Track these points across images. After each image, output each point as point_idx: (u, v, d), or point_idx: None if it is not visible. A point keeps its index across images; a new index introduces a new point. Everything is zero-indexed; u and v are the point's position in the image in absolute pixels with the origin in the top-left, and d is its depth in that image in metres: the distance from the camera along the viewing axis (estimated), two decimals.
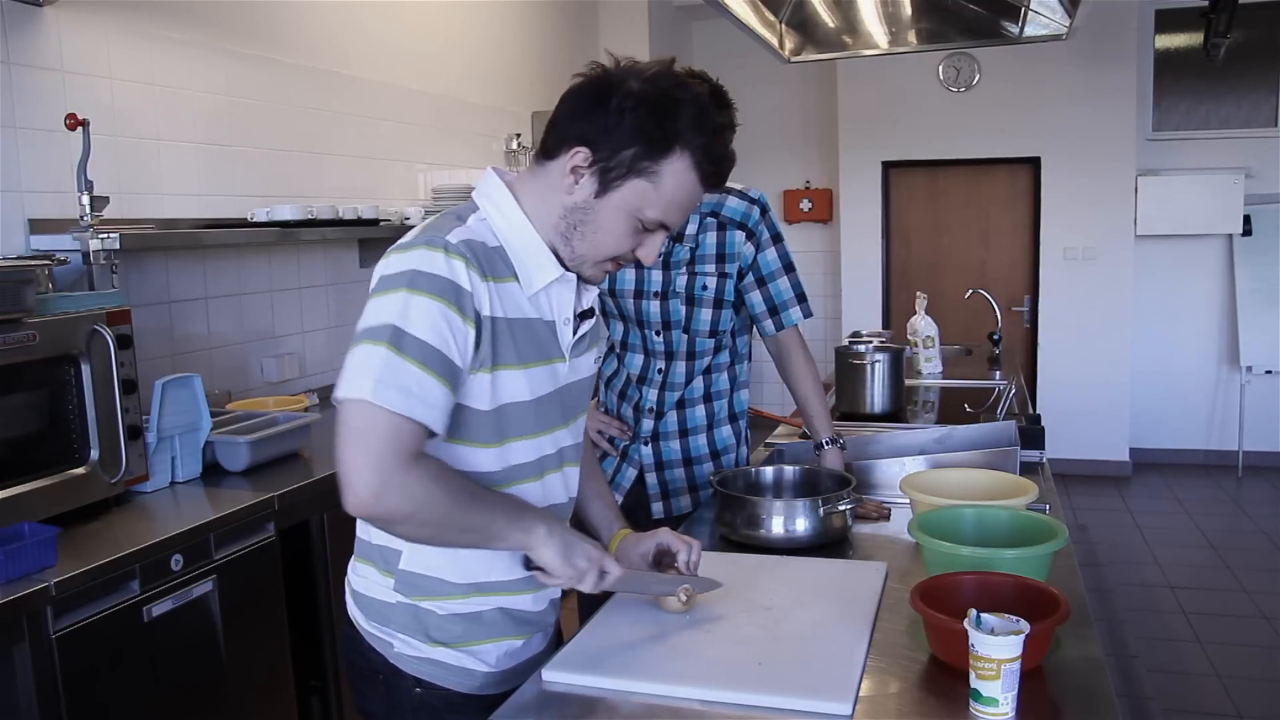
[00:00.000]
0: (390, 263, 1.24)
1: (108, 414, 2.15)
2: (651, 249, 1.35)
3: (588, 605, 1.71)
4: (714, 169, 1.32)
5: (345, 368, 1.21)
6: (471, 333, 1.23)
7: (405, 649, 1.38)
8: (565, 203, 1.31)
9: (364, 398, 1.17)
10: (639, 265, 2.17)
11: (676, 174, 1.29)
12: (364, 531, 1.42)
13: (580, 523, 1.60)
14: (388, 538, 1.36)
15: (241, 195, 3.21)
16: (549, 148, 1.33)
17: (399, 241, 1.28)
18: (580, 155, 1.28)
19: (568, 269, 1.36)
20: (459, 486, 1.24)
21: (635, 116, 1.26)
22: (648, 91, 1.27)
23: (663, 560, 1.57)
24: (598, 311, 1.47)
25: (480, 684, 1.40)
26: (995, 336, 4.22)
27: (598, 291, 1.44)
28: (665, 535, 1.57)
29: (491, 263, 1.28)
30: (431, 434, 1.21)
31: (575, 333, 1.39)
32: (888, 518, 2.02)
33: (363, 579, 1.41)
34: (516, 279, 1.31)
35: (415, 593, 1.36)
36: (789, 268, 2.23)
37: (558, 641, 1.53)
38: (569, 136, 1.29)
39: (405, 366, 1.18)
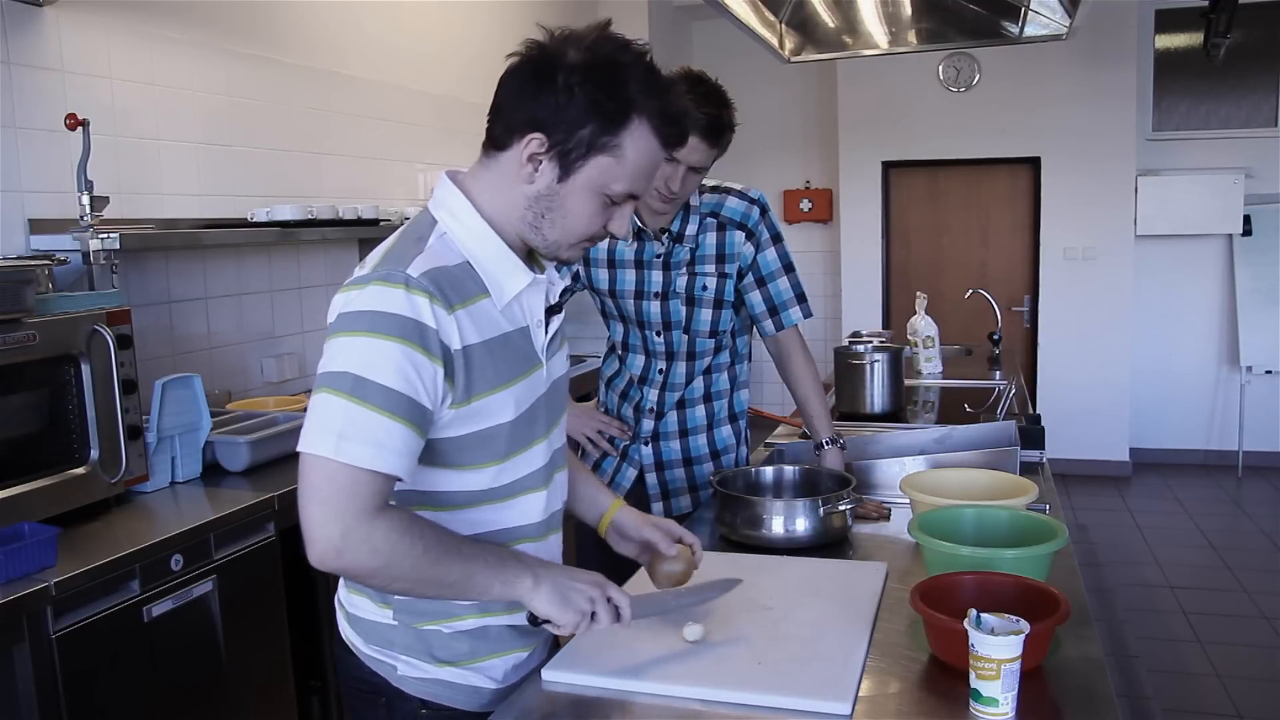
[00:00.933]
0: (349, 299, 1.18)
1: (108, 414, 2.15)
2: (623, 221, 1.29)
3: None
4: (673, 128, 1.26)
5: (308, 417, 1.16)
6: (439, 370, 1.17)
7: (410, 671, 1.33)
8: (527, 193, 1.25)
9: (326, 455, 1.12)
10: (639, 266, 2.19)
11: (637, 141, 1.22)
12: None
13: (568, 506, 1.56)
14: None
15: (241, 195, 3.21)
16: (497, 137, 1.25)
17: (356, 273, 1.21)
18: (535, 142, 1.21)
19: (534, 255, 1.32)
20: (431, 539, 1.18)
21: (585, 91, 1.19)
22: (592, 61, 1.20)
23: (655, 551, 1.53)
24: (561, 305, 1.41)
25: (488, 701, 1.36)
26: (995, 336, 4.22)
27: (564, 285, 1.39)
28: (661, 541, 1.53)
29: (458, 286, 1.21)
30: (398, 480, 1.17)
31: (547, 331, 1.34)
32: (888, 518, 2.02)
33: (357, 608, 1.37)
34: (488, 293, 1.25)
35: (418, 618, 1.31)
36: (789, 268, 2.23)
37: (556, 645, 1.51)
38: (518, 124, 1.22)
39: (369, 416, 1.13)
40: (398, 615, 1.32)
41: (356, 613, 1.37)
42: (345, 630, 1.40)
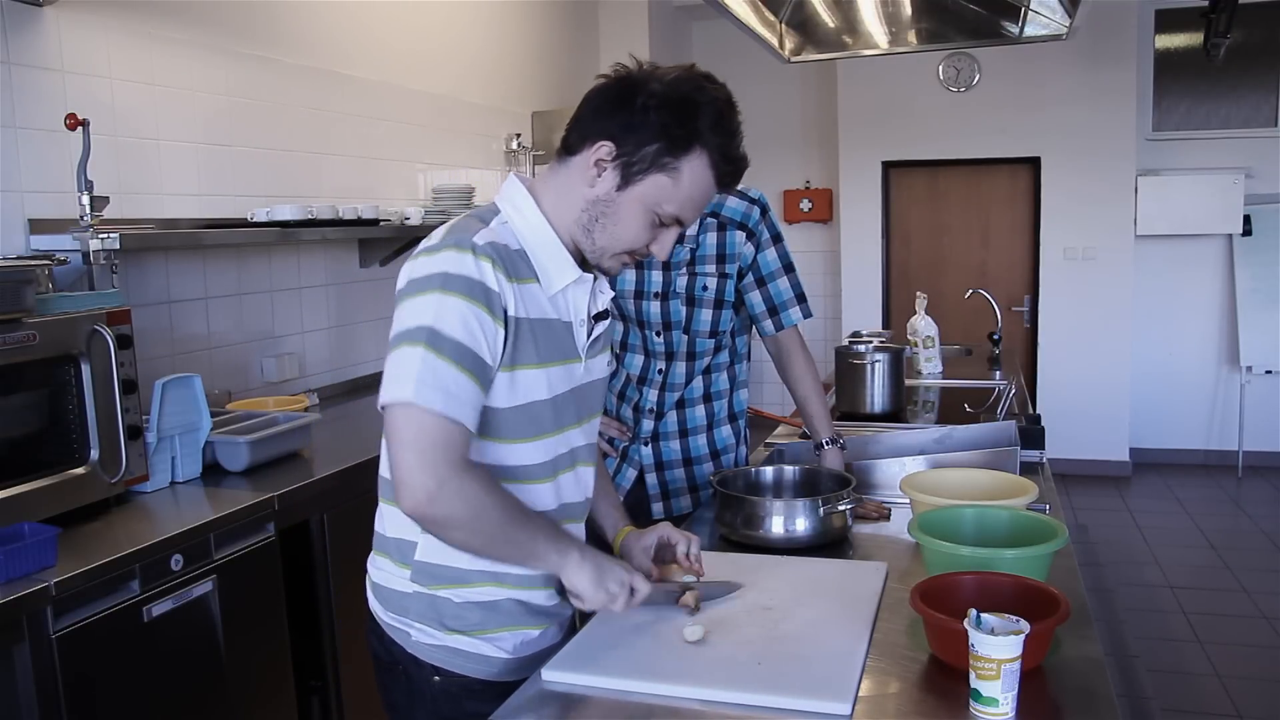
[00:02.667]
0: (419, 265, 1.28)
1: (108, 414, 2.15)
2: (666, 244, 1.40)
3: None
4: (730, 169, 1.36)
5: (386, 372, 1.25)
6: (501, 332, 1.28)
7: (423, 638, 1.41)
8: (587, 195, 1.36)
9: (408, 399, 1.21)
10: (640, 265, 2.19)
11: (695, 171, 1.34)
12: (380, 524, 1.45)
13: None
14: (403, 529, 1.39)
15: (241, 195, 3.21)
16: (571, 144, 1.37)
17: (425, 244, 1.32)
18: (605, 149, 1.33)
19: (588, 263, 1.41)
20: (508, 501, 1.29)
21: (659, 115, 1.31)
22: (670, 93, 1.32)
23: (664, 554, 1.58)
24: (614, 315, 1.50)
25: (498, 670, 1.42)
26: (995, 336, 4.22)
27: (612, 294, 1.48)
28: (666, 529, 1.60)
29: (514, 264, 1.32)
30: (472, 434, 1.26)
31: (590, 334, 1.43)
32: (888, 518, 2.02)
33: (380, 571, 1.45)
34: (537, 280, 1.35)
35: (432, 581, 1.39)
36: (789, 268, 2.23)
37: (571, 632, 1.54)
38: (592, 132, 1.34)
39: (443, 366, 1.22)
40: (415, 576, 1.39)
41: (379, 579, 1.45)
42: (371, 600, 1.48)
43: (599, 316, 1.45)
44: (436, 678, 1.41)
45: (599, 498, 1.64)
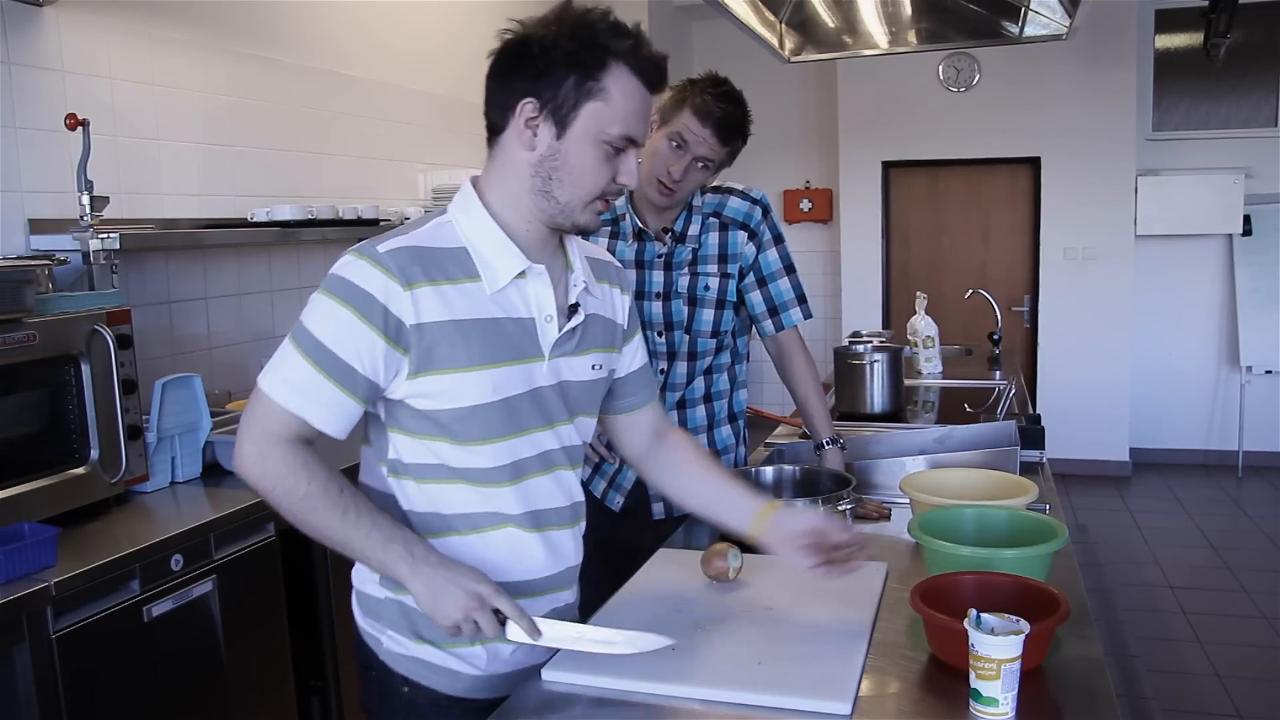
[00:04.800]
0: (337, 264, 1.30)
1: (108, 414, 2.15)
2: (630, 169, 1.33)
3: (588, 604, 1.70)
4: (652, 68, 1.32)
5: (273, 357, 1.30)
6: (380, 342, 1.25)
7: (393, 645, 1.39)
8: (529, 160, 1.31)
9: (260, 385, 1.27)
10: (640, 266, 2.19)
11: (620, 82, 1.29)
12: None
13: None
14: None
15: (241, 195, 3.21)
16: (494, 123, 1.34)
17: (356, 245, 1.32)
18: (529, 106, 1.28)
19: (566, 229, 1.37)
20: (319, 488, 1.26)
21: (560, 50, 1.27)
22: (560, 27, 1.29)
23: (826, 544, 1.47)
24: (590, 313, 1.42)
25: (467, 687, 1.38)
26: (995, 336, 4.22)
27: (585, 286, 1.40)
28: (816, 519, 1.48)
29: (439, 265, 1.29)
30: (317, 431, 1.27)
31: (560, 329, 1.36)
32: (888, 518, 2.02)
33: (359, 572, 1.42)
34: (478, 278, 1.31)
35: (399, 588, 1.33)
36: (790, 269, 2.23)
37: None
38: (508, 100, 1.30)
39: (298, 363, 1.25)
40: (383, 583, 1.37)
41: (357, 580, 1.43)
42: (354, 603, 1.46)
43: (572, 310, 1.38)
44: (405, 688, 1.38)
45: (722, 487, 1.54)
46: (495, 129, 1.34)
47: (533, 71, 1.28)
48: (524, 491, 1.37)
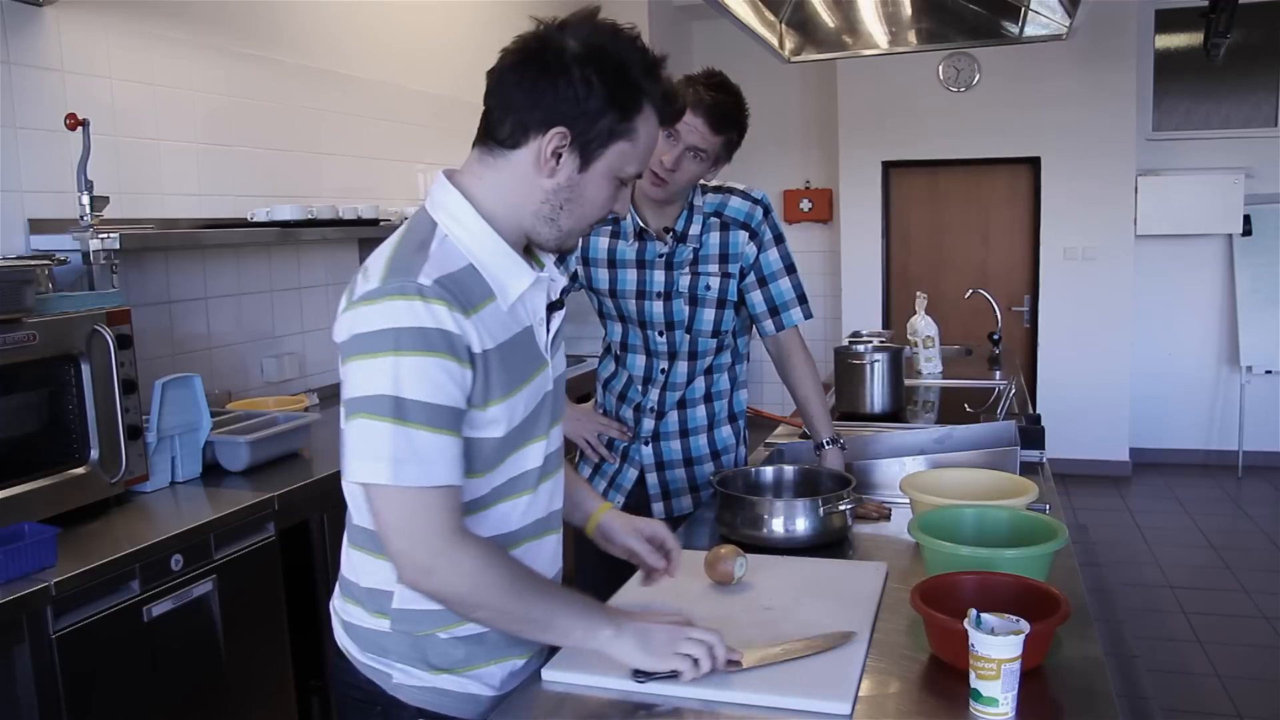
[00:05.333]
0: (362, 317, 1.18)
1: (108, 414, 2.15)
2: (624, 199, 1.35)
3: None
4: (671, 107, 1.33)
5: (350, 444, 1.19)
6: (469, 374, 1.19)
7: (405, 679, 1.31)
8: (546, 186, 1.25)
9: (384, 483, 1.16)
10: (641, 265, 2.19)
11: (648, 125, 1.28)
12: (350, 571, 1.36)
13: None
14: (379, 580, 1.29)
15: (241, 195, 3.21)
16: (508, 136, 1.24)
17: (363, 287, 1.21)
18: (559, 136, 1.22)
19: (547, 249, 1.33)
20: (519, 571, 1.23)
21: (602, 83, 1.22)
22: (596, 53, 1.22)
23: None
24: (562, 302, 1.42)
25: (485, 708, 1.34)
26: (995, 336, 4.22)
27: (565, 281, 1.39)
28: (656, 532, 1.55)
29: (467, 292, 1.21)
30: (460, 490, 1.20)
31: (549, 329, 1.35)
32: (888, 518, 2.02)
33: (356, 616, 1.35)
34: (494, 296, 1.24)
35: (415, 627, 1.29)
36: (790, 269, 2.23)
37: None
38: (535, 121, 1.22)
39: (415, 435, 1.15)
40: (395, 625, 1.30)
41: (351, 620, 1.35)
42: (340, 637, 1.38)
43: (553, 307, 1.36)
44: (420, 718, 1.32)
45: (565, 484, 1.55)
46: (506, 142, 1.25)
47: (569, 98, 1.21)
48: (535, 499, 1.35)
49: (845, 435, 2.27)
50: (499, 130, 1.25)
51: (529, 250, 1.35)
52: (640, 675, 1.27)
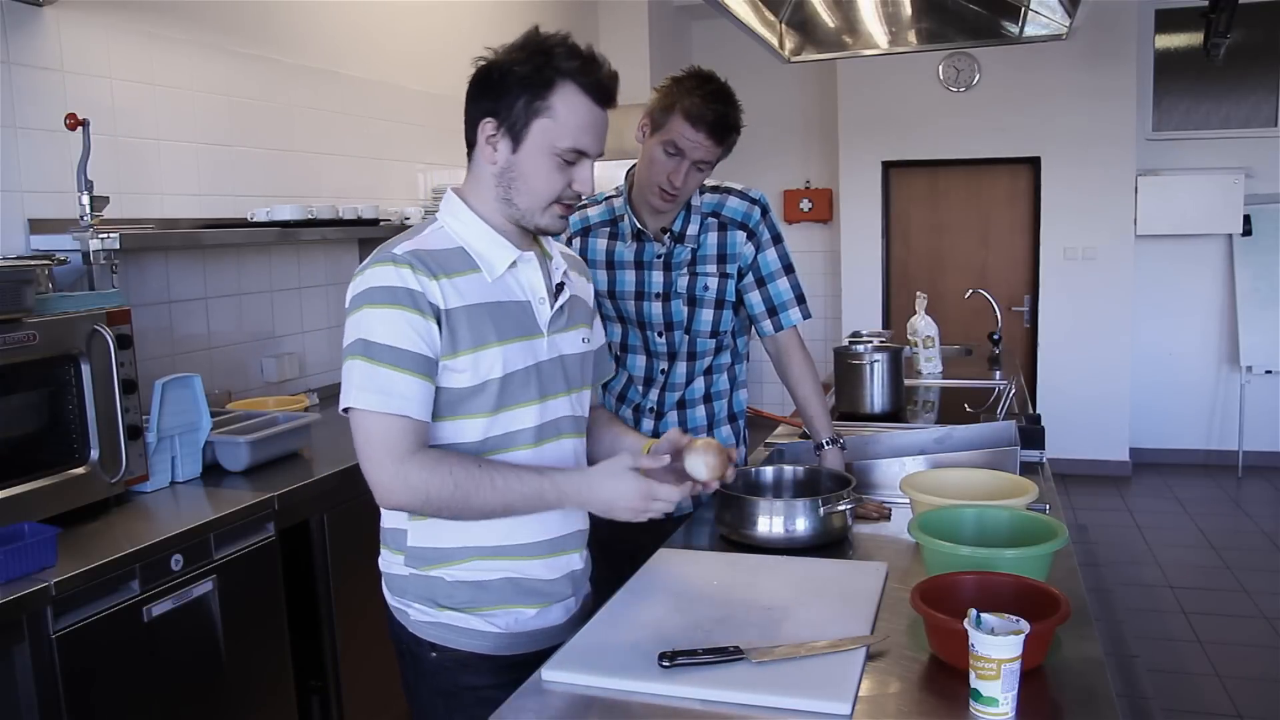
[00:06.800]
0: (355, 285, 1.44)
1: (108, 414, 2.15)
2: (585, 177, 1.49)
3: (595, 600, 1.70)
4: (598, 85, 1.46)
5: (343, 382, 1.43)
6: (433, 326, 1.41)
7: (420, 616, 1.52)
8: (493, 172, 1.49)
9: (351, 406, 1.40)
10: (639, 266, 2.19)
11: (567, 100, 1.44)
12: (382, 519, 1.56)
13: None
14: (397, 520, 1.52)
15: (241, 195, 3.21)
16: (468, 141, 1.52)
17: (359, 267, 1.46)
18: (489, 125, 1.47)
19: (531, 229, 1.53)
20: (462, 474, 1.40)
21: (515, 73, 1.44)
22: (519, 54, 1.45)
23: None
24: (573, 293, 1.60)
25: (492, 645, 1.52)
26: (995, 336, 4.22)
27: (565, 268, 1.58)
28: (673, 434, 1.61)
29: (443, 262, 1.45)
30: (419, 423, 1.40)
31: (552, 308, 1.53)
32: (888, 518, 2.02)
33: (384, 559, 1.57)
34: (479, 270, 1.48)
35: (423, 563, 1.51)
36: (789, 269, 2.23)
37: (588, 614, 1.57)
38: (473, 120, 1.49)
39: (377, 370, 1.39)
40: (409, 561, 1.51)
41: (384, 565, 1.57)
42: (383, 587, 1.59)
43: (558, 290, 1.56)
44: (434, 653, 1.52)
45: (613, 436, 1.73)
46: (469, 145, 1.52)
47: (492, 94, 1.46)
48: (539, 455, 1.51)
49: (845, 435, 2.26)
50: (467, 139, 1.53)
51: (537, 241, 1.57)
52: (665, 659, 1.31)
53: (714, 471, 1.54)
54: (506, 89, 1.45)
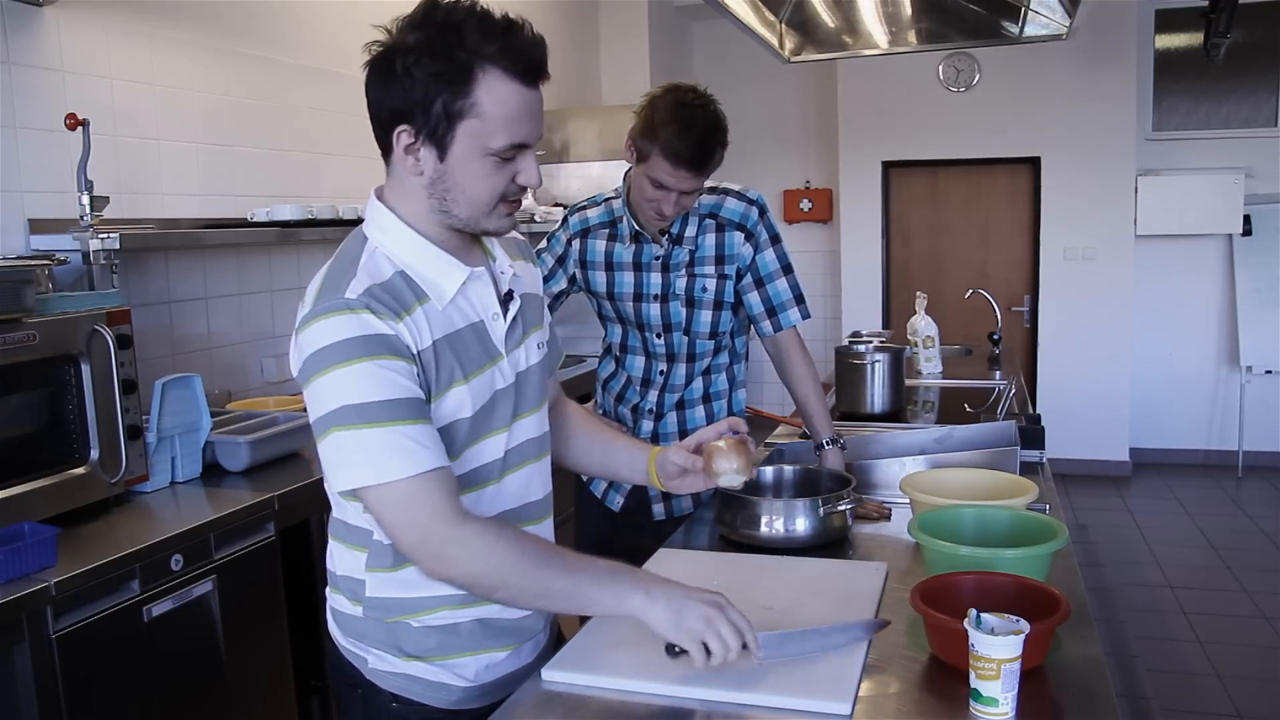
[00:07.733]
0: (304, 340, 1.21)
1: (108, 414, 2.15)
2: (530, 169, 1.27)
3: None
4: (524, 65, 1.22)
5: (329, 460, 1.20)
6: (414, 368, 1.21)
7: (379, 664, 1.35)
8: (421, 184, 1.26)
9: (370, 483, 1.18)
10: (637, 268, 2.19)
11: (494, 91, 1.20)
12: (330, 562, 1.40)
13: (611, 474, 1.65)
14: (351, 569, 1.34)
15: (241, 195, 3.21)
16: (381, 144, 1.27)
17: (301, 312, 1.24)
18: (404, 134, 1.22)
19: (476, 232, 1.32)
20: (529, 545, 1.23)
21: (422, 67, 1.18)
22: (423, 35, 1.19)
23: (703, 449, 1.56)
24: (522, 294, 1.41)
25: (458, 699, 1.37)
26: (995, 336, 4.22)
27: (510, 267, 1.38)
28: (700, 432, 1.57)
29: (397, 296, 1.23)
30: (449, 470, 1.21)
31: (507, 319, 1.35)
32: (888, 518, 2.02)
33: (335, 601, 1.40)
34: (427, 298, 1.26)
35: (386, 614, 1.33)
36: (787, 269, 2.23)
37: (556, 646, 1.49)
38: (384, 123, 1.24)
39: (384, 432, 1.17)
40: (368, 611, 1.34)
41: (335, 606, 1.40)
42: (329, 622, 1.43)
43: (507, 298, 1.36)
44: (394, 704, 1.35)
45: (610, 446, 1.61)
46: (383, 150, 1.27)
47: (400, 95, 1.20)
48: (501, 490, 1.37)
49: (845, 435, 2.26)
50: (378, 142, 1.27)
51: (478, 241, 1.36)
52: (673, 650, 1.25)
53: (745, 472, 1.54)
54: (417, 88, 1.19)
